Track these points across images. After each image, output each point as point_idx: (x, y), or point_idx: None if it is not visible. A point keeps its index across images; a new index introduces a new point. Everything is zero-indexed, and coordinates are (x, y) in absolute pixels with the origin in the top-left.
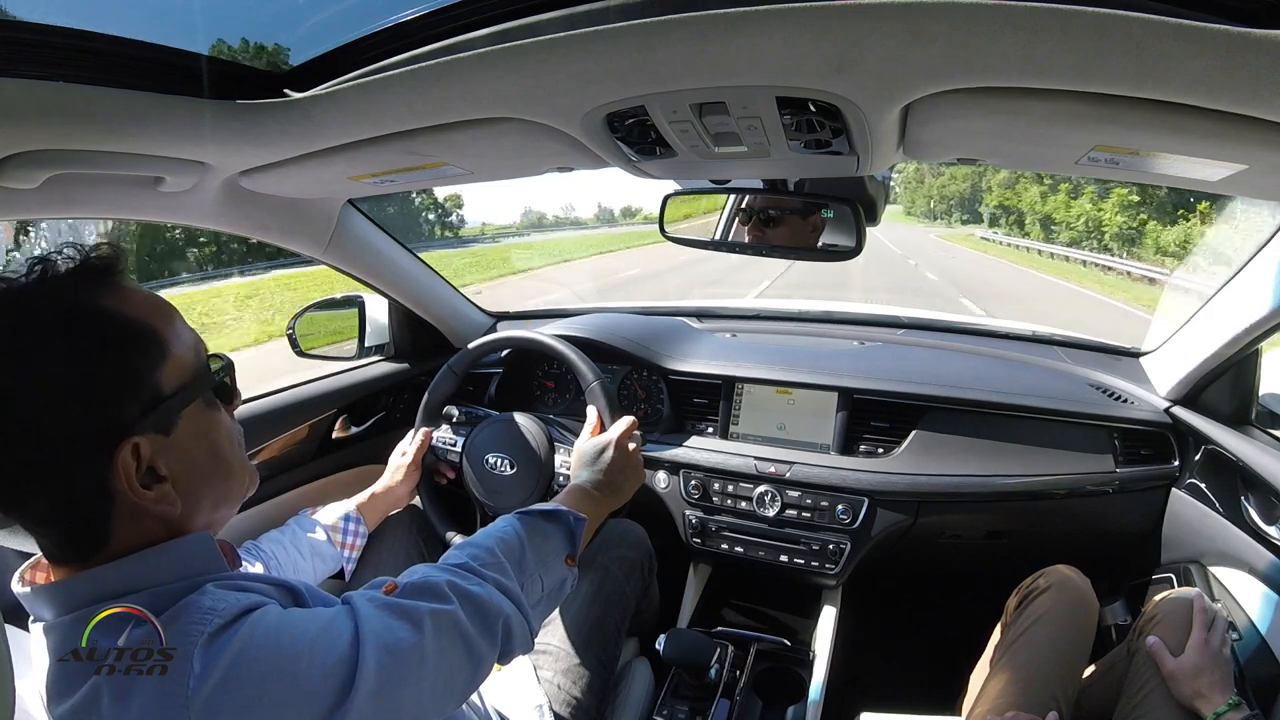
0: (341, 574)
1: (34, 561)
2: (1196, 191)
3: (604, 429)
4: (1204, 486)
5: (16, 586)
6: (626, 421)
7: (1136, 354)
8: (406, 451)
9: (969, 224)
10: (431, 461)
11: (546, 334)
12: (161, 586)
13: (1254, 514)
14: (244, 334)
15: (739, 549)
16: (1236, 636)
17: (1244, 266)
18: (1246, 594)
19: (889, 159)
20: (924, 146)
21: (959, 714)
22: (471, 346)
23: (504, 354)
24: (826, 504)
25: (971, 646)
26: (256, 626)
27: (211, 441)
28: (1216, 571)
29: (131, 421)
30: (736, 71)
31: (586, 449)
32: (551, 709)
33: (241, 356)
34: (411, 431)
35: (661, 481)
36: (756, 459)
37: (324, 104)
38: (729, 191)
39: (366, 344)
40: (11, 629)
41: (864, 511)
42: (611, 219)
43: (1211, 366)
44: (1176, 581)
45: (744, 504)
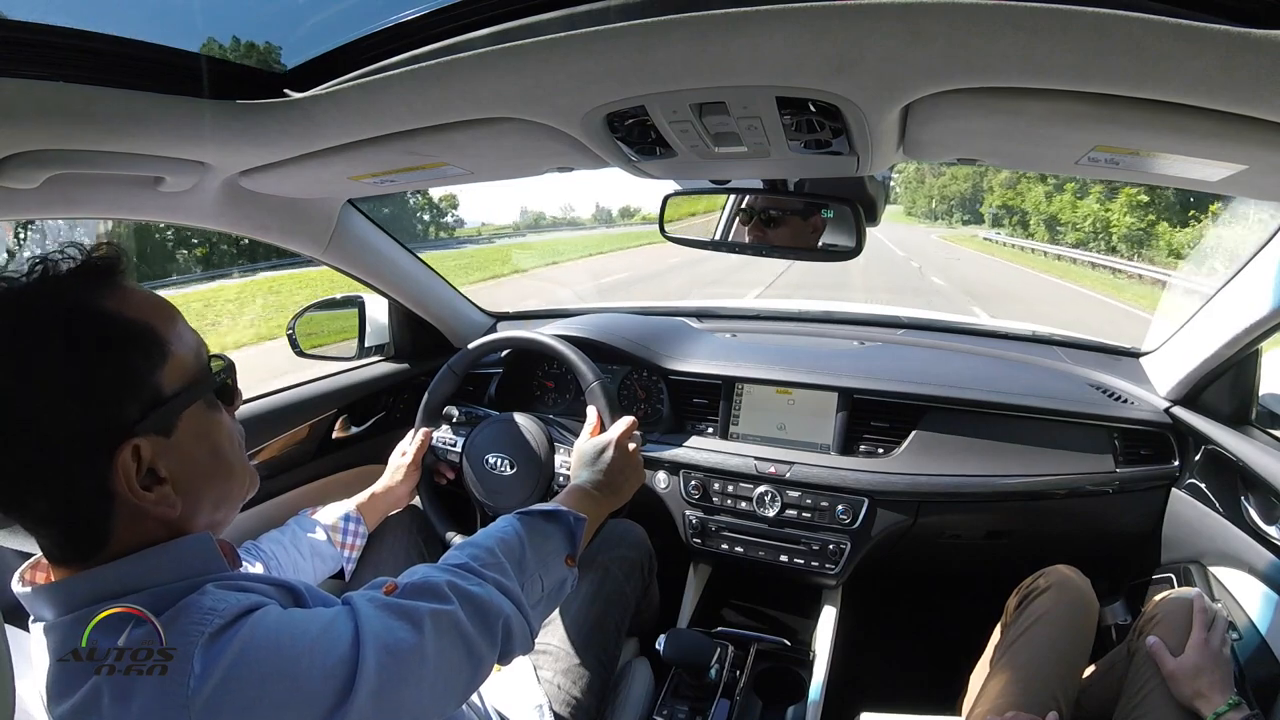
0: (341, 574)
1: (34, 561)
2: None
3: (604, 429)
4: (1204, 486)
5: (17, 586)
6: (626, 421)
7: (1136, 354)
8: (406, 451)
9: (970, 224)
10: (431, 461)
11: (546, 334)
12: (162, 586)
13: (1254, 514)
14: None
15: (739, 549)
16: (1236, 636)
17: (1244, 267)
18: (1246, 594)
19: (889, 159)
20: (924, 146)
21: (959, 714)
22: (471, 347)
23: (504, 354)
24: (826, 504)
25: (971, 646)
26: (257, 627)
27: (212, 443)
28: (1216, 571)
29: (132, 423)
30: (736, 71)
31: (586, 449)
32: (551, 709)
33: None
34: (411, 431)
35: (661, 481)
36: (756, 459)
37: (324, 104)
38: (729, 191)
39: (366, 344)
40: (11, 629)
41: (864, 511)
42: (610, 219)
43: (1211, 366)
44: (1176, 581)
45: (744, 504)
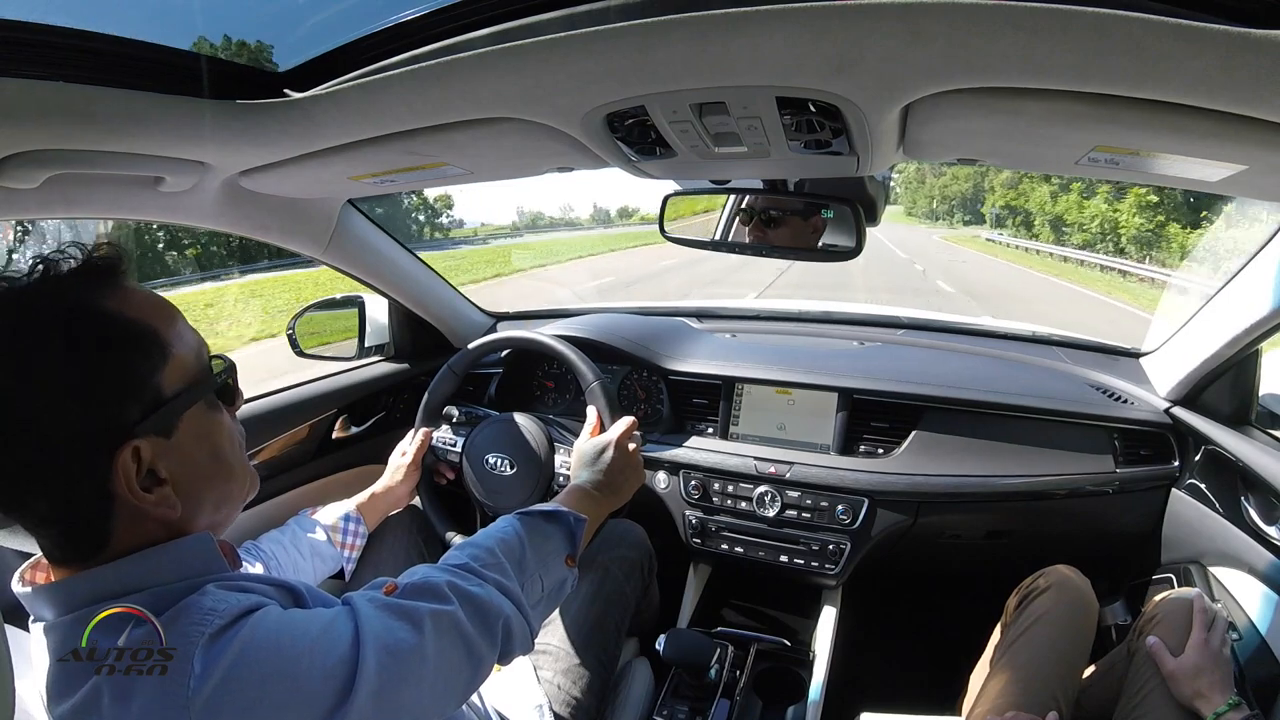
0: (341, 574)
1: (34, 561)
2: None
3: (604, 429)
4: (1204, 487)
5: (17, 586)
6: (626, 422)
7: (1136, 354)
8: (406, 451)
9: (971, 225)
10: (431, 461)
11: (546, 334)
12: (162, 587)
13: (1254, 514)
14: None
15: (739, 549)
16: (1236, 636)
17: (1244, 267)
18: (1246, 594)
19: (889, 159)
20: (924, 146)
21: (959, 714)
22: (471, 347)
23: (504, 354)
24: (826, 504)
25: (971, 646)
26: (257, 628)
27: (213, 444)
28: (1216, 571)
29: (132, 424)
30: (736, 71)
31: (586, 449)
32: (551, 709)
33: None
34: (411, 431)
35: (661, 482)
36: (756, 459)
37: (324, 104)
38: (729, 192)
39: (366, 344)
40: (11, 629)
41: (864, 512)
42: (608, 220)
43: (1211, 367)
44: (1176, 581)
45: (744, 504)
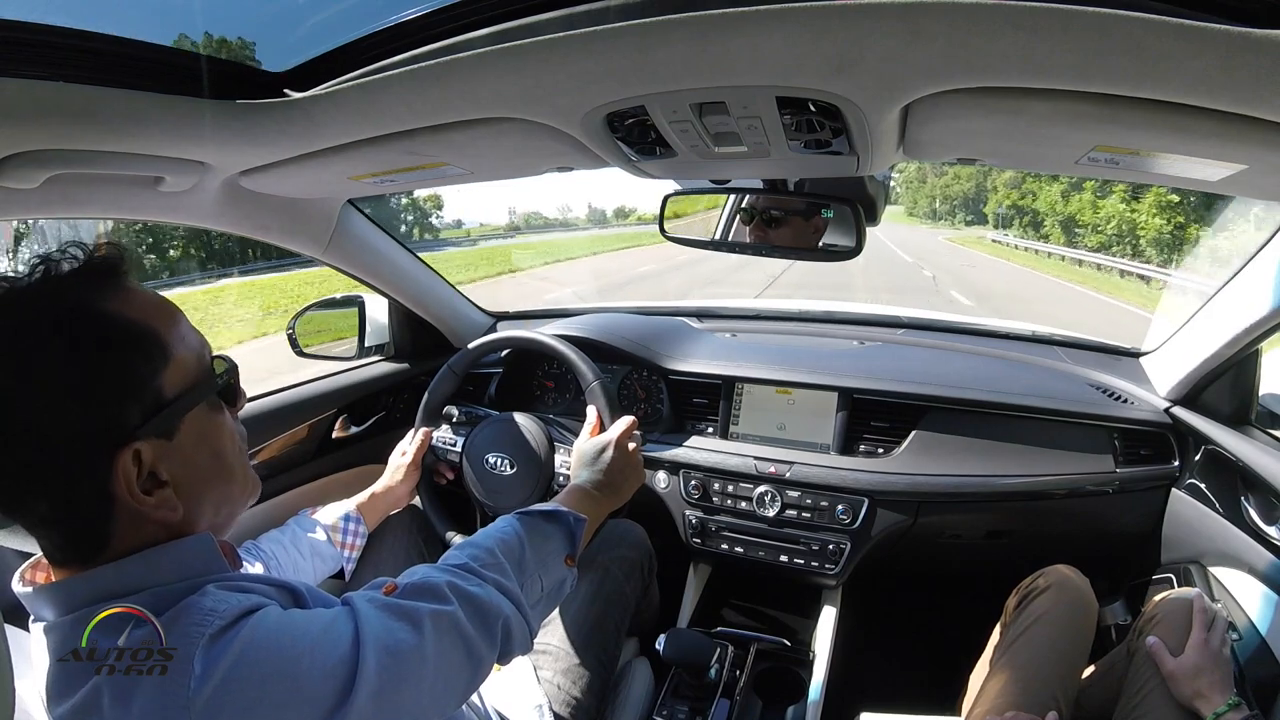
0: (341, 574)
1: (34, 561)
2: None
3: (604, 429)
4: (1204, 486)
5: (17, 586)
6: (626, 421)
7: (1136, 354)
8: (406, 451)
9: (973, 225)
10: (431, 461)
11: (546, 334)
12: (162, 587)
13: (1254, 514)
14: None
15: (739, 549)
16: (1236, 636)
17: (1244, 266)
18: (1246, 594)
19: (889, 159)
20: (924, 146)
21: (959, 714)
22: (471, 346)
23: (504, 354)
24: (826, 504)
25: (971, 646)
26: (257, 628)
27: (214, 446)
28: (1216, 571)
29: (133, 427)
30: (736, 71)
31: (586, 449)
32: (551, 709)
33: None
34: (411, 431)
35: (661, 481)
36: (756, 459)
37: (324, 104)
38: (729, 191)
39: (366, 344)
40: (11, 629)
41: (864, 511)
42: (604, 220)
43: (1211, 366)
44: (1176, 581)
45: (744, 504)
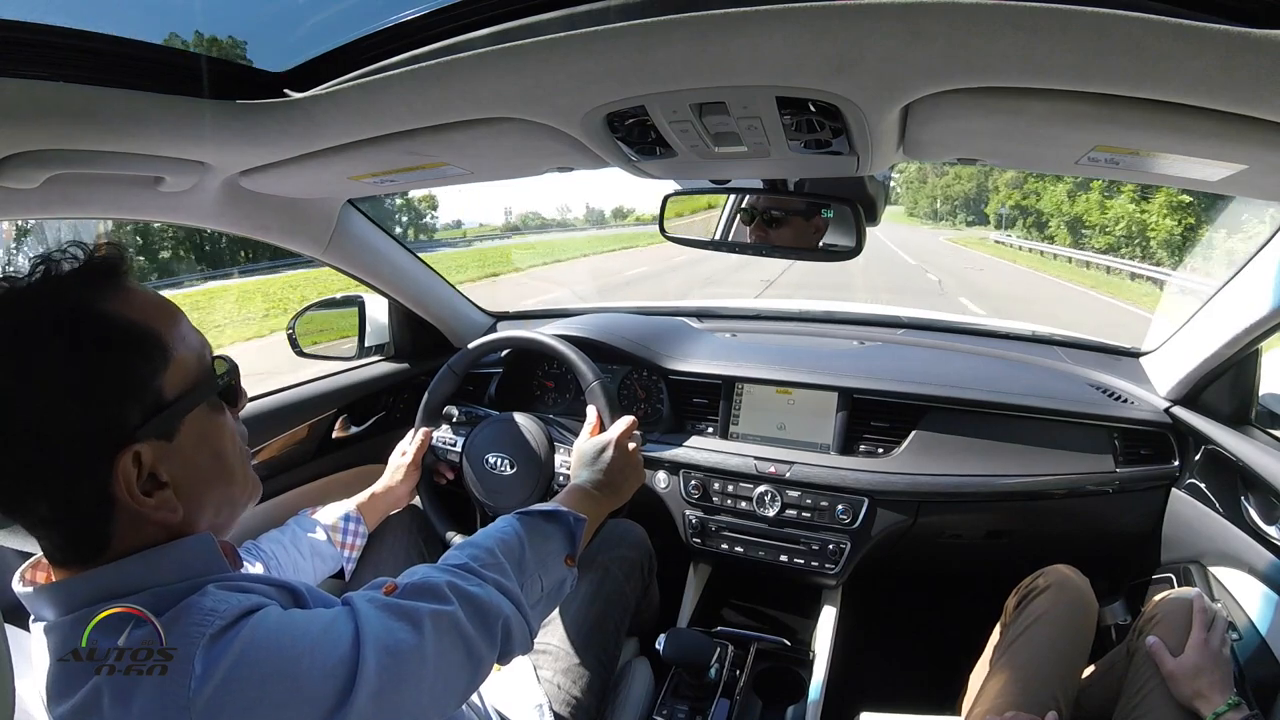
0: (341, 574)
1: (34, 561)
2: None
3: (604, 429)
4: (1204, 486)
5: (17, 586)
6: (626, 421)
7: (1136, 354)
8: (406, 451)
9: (975, 226)
10: (431, 461)
11: (546, 334)
12: (163, 587)
13: (1254, 514)
14: None
15: (739, 549)
16: (1236, 636)
17: (1244, 266)
18: (1246, 594)
19: (889, 159)
20: (924, 146)
21: (959, 714)
22: (471, 346)
23: (504, 354)
24: (826, 504)
25: (971, 646)
26: (258, 628)
27: (215, 447)
28: (1216, 571)
29: (133, 428)
30: (736, 71)
31: (586, 449)
32: (551, 709)
33: None
34: (411, 431)
35: (661, 481)
36: (756, 459)
37: (324, 104)
38: (729, 191)
39: (366, 344)
40: (11, 629)
41: (864, 511)
42: (602, 220)
43: (1211, 366)
44: (1176, 581)
45: (744, 504)
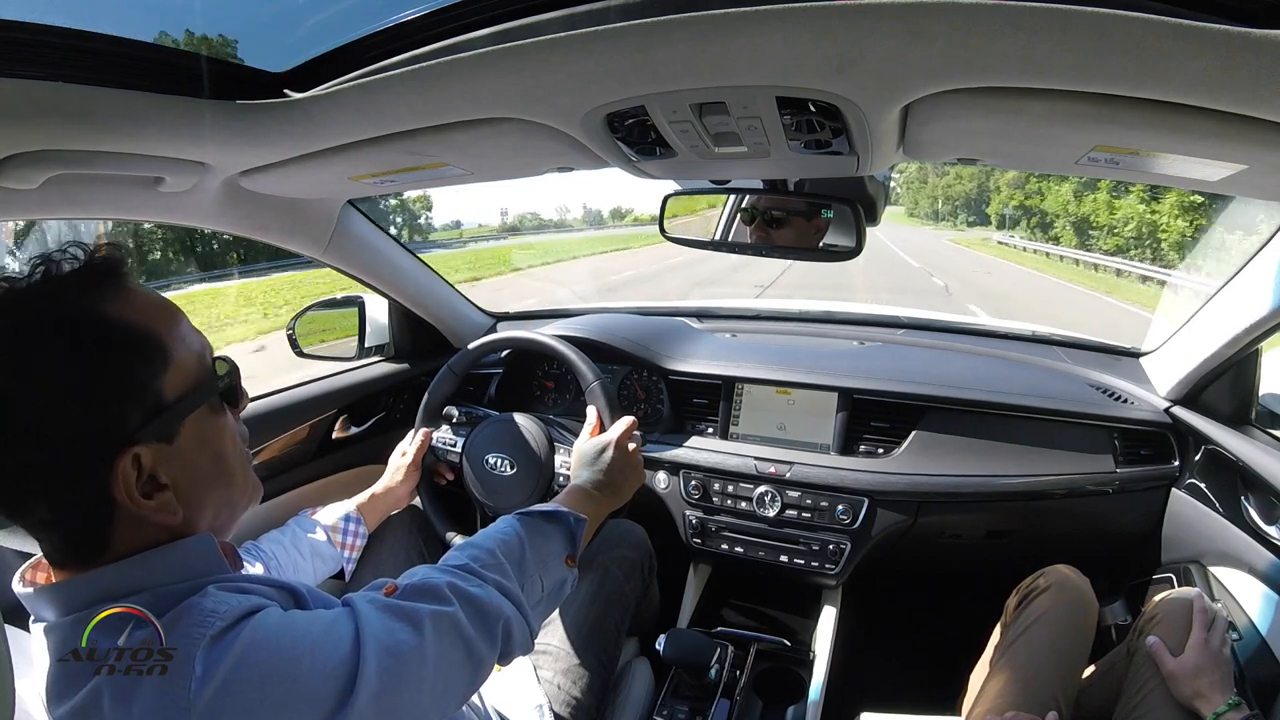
0: (341, 574)
1: (35, 561)
2: None
3: (604, 429)
4: (1204, 486)
5: (18, 586)
6: (626, 421)
7: (1136, 354)
8: (406, 452)
9: (976, 226)
10: (431, 462)
11: (546, 334)
12: (163, 587)
13: (1254, 514)
14: None
15: (739, 549)
16: (1236, 636)
17: (1244, 266)
18: (1246, 594)
19: (889, 159)
20: (924, 146)
21: (959, 714)
22: (471, 347)
23: (504, 354)
24: (826, 504)
25: (971, 646)
26: (258, 629)
27: (215, 448)
28: (1216, 571)
29: (133, 430)
30: (736, 71)
31: (586, 449)
32: (551, 709)
33: None
34: (411, 432)
35: (661, 482)
36: (756, 459)
37: (324, 104)
38: (729, 191)
39: (366, 344)
40: (11, 629)
41: (864, 512)
42: (600, 221)
43: (1211, 366)
44: (1176, 581)
45: (744, 504)
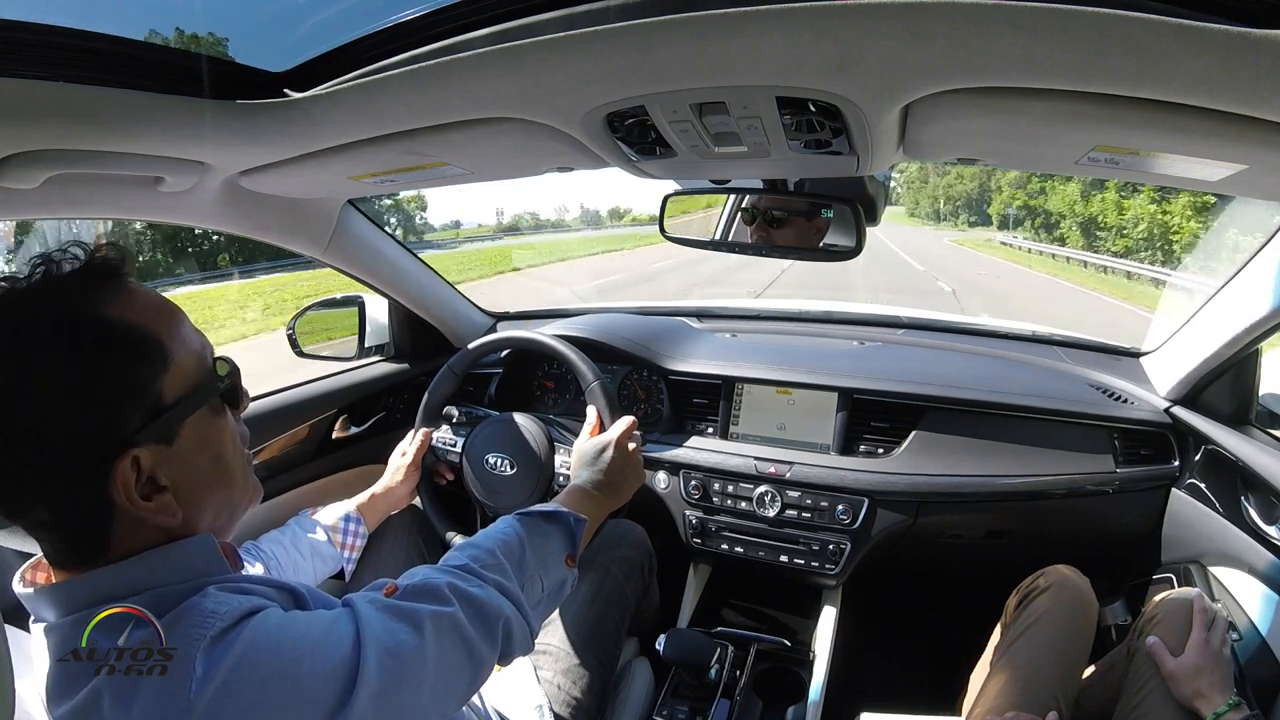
0: (341, 574)
1: (35, 561)
2: None
3: (604, 429)
4: (1204, 486)
5: (18, 587)
6: (626, 421)
7: (1136, 354)
8: (406, 452)
9: (977, 226)
10: (431, 462)
11: (546, 334)
12: (163, 588)
13: (1254, 514)
14: None
15: (739, 549)
16: (1236, 636)
17: (1244, 266)
18: (1246, 594)
19: (889, 159)
20: (924, 146)
21: (959, 714)
22: (471, 347)
23: (504, 354)
24: (826, 504)
25: (971, 646)
26: (258, 630)
27: (215, 450)
28: (1216, 571)
29: (132, 432)
30: (736, 71)
31: (586, 449)
32: (551, 709)
33: None
34: (411, 432)
35: (661, 481)
36: (756, 459)
37: (324, 104)
38: (729, 191)
39: (366, 344)
40: (11, 629)
41: (864, 512)
42: (597, 221)
43: (1211, 366)
44: (1176, 581)
45: (744, 504)
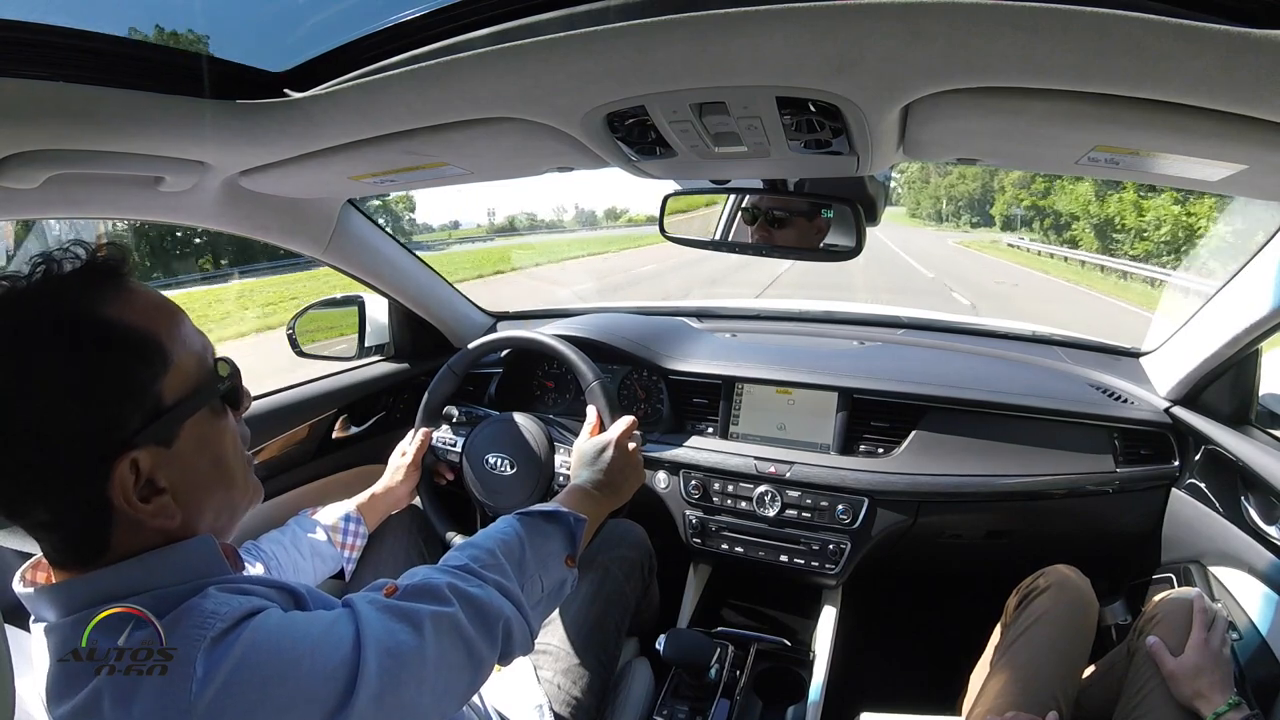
0: (341, 574)
1: (35, 561)
2: None
3: (604, 429)
4: (1204, 486)
5: (18, 586)
6: (626, 421)
7: (1136, 354)
8: (406, 452)
9: (979, 227)
10: (431, 462)
11: (546, 334)
12: (163, 589)
13: (1254, 514)
14: None
15: (739, 549)
16: (1236, 636)
17: (1244, 266)
18: (1246, 594)
19: (889, 159)
20: (924, 146)
21: (959, 714)
22: (471, 346)
23: (504, 354)
24: (826, 504)
25: (971, 646)
26: (259, 630)
27: (215, 451)
28: (1216, 571)
29: (132, 433)
30: (736, 71)
31: (586, 449)
32: (551, 709)
33: None
34: (411, 432)
35: (661, 481)
36: (756, 459)
37: (324, 104)
38: (729, 191)
39: (366, 344)
40: (11, 629)
41: (864, 511)
42: (593, 221)
43: (1211, 366)
44: (1176, 581)
45: (744, 504)
